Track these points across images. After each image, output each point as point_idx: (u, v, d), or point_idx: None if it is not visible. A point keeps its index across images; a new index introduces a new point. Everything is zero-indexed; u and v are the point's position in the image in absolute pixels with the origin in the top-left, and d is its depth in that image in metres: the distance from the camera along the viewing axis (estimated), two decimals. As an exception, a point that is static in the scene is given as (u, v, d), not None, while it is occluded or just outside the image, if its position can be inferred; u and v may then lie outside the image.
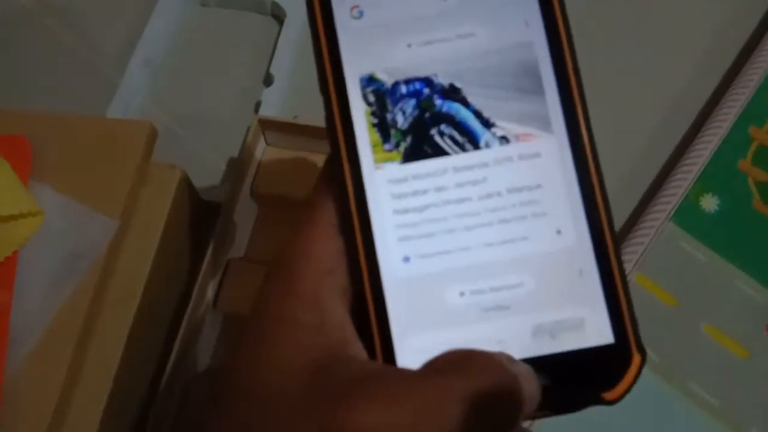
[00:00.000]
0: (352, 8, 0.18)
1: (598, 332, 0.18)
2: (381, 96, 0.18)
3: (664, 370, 0.32)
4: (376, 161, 0.18)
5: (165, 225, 0.30)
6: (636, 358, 0.18)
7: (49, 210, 0.28)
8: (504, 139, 0.18)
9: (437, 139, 0.18)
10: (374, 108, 0.18)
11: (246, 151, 0.34)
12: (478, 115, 0.18)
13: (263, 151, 0.36)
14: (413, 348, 0.17)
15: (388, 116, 0.18)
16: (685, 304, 0.33)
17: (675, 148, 0.39)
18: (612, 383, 0.17)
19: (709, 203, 0.36)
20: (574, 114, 0.18)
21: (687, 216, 0.35)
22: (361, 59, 0.18)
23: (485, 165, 0.18)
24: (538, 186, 0.18)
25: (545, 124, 0.18)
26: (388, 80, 0.18)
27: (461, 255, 0.18)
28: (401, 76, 0.18)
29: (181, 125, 0.40)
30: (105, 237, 0.28)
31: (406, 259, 0.18)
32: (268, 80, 0.40)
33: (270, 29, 0.43)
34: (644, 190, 0.38)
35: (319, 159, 0.35)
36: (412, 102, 0.18)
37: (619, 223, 0.37)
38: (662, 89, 0.41)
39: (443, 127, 0.18)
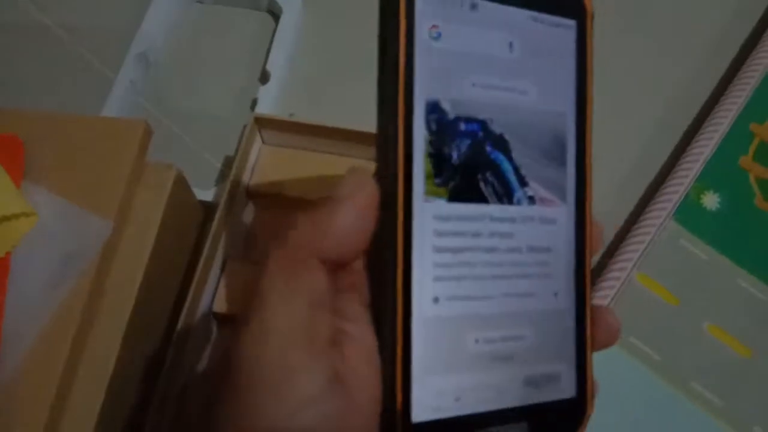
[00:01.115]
0: (432, 27, 0.17)
1: (569, 386, 0.19)
2: (442, 127, 0.17)
3: (666, 370, 0.31)
4: (427, 193, 0.17)
5: (160, 226, 0.30)
6: (589, 411, 0.20)
7: (42, 211, 0.28)
8: (531, 200, 0.19)
9: (482, 185, 0.18)
10: (434, 137, 0.17)
11: (242, 149, 0.33)
12: (516, 171, 0.19)
13: (259, 149, 0.35)
14: (429, 389, 0.17)
15: (445, 150, 0.18)
16: (686, 302, 0.33)
17: (676, 145, 0.39)
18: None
19: (711, 201, 0.35)
20: (584, 193, 0.20)
21: (688, 214, 0.35)
22: (430, 83, 0.17)
23: (513, 220, 0.19)
24: (548, 249, 0.19)
25: (562, 195, 0.19)
26: (451, 112, 0.18)
27: (482, 302, 0.18)
28: (463, 112, 0.18)
29: (176, 123, 0.39)
30: (100, 238, 0.28)
31: (436, 300, 0.17)
32: (264, 77, 0.40)
33: (266, 26, 0.42)
34: (645, 187, 0.38)
35: (316, 157, 0.35)
36: (467, 141, 0.18)
37: (619, 221, 0.36)
38: (663, 86, 0.40)
39: (488, 174, 0.18)
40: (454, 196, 0.18)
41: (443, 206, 0.17)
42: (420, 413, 0.17)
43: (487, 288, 0.18)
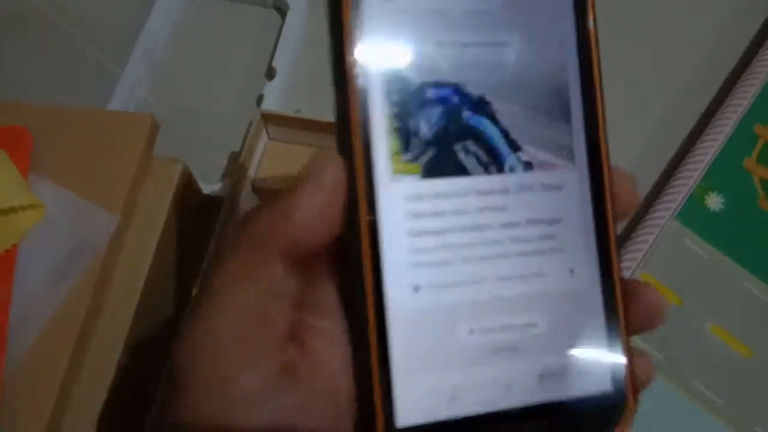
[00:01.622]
0: None
1: (600, 379, 0.17)
2: (405, 97, 0.16)
3: (669, 369, 0.32)
4: (394, 171, 0.15)
5: (166, 220, 0.30)
6: (632, 408, 0.17)
7: (49, 203, 0.28)
8: (528, 165, 0.16)
9: (461, 155, 0.16)
10: (398, 109, 0.15)
11: (248, 145, 0.33)
12: (505, 135, 0.16)
13: (265, 145, 0.35)
14: (415, 390, 0.15)
15: (411, 122, 0.16)
16: (689, 302, 0.33)
17: (680, 145, 0.39)
18: (608, 430, 0.17)
19: (714, 201, 0.35)
20: (598, 149, 0.17)
21: (692, 214, 0.35)
22: (386, 49, 0.15)
23: (507, 191, 0.16)
24: (557, 220, 0.17)
25: (569, 155, 0.17)
26: (414, 79, 0.16)
27: (475, 288, 0.16)
28: (429, 78, 0.16)
29: (183, 118, 0.39)
30: (106, 231, 0.28)
31: (417, 288, 0.16)
32: (270, 73, 0.40)
33: (272, 22, 0.42)
34: (649, 187, 0.38)
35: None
36: (439, 110, 0.16)
37: (623, 221, 0.37)
38: (668, 86, 0.40)
39: (469, 143, 0.16)
40: (429, 172, 0.16)
41: (416, 184, 0.16)
42: (406, 416, 0.15)
43: (480, 271, 0.16)
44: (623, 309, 0.17)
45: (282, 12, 0.42)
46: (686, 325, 0.33)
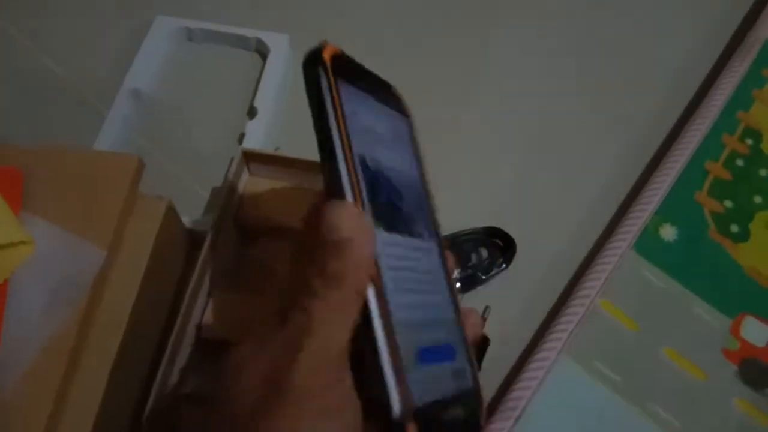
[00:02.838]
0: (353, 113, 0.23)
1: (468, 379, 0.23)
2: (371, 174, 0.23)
3: (627, 391, 0.33)
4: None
5: (151, 254, 0.31)
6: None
7: (39, 239, 0.30)
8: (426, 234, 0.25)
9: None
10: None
11: (230, 180, 0.35)
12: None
13: (246, 180, 0.37)
14: (415, 376, 0.20)
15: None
16: (645, 327, 0.35)
17: (636, 180, 0.41)
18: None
19: (668, 233, 0.38)
20: (437, 230, 0.26)
21: (647, 244, 0.37)
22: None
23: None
24: (430, 272, 0.24)
25: (429, 231, 0.25)
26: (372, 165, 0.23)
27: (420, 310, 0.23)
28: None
29: (168, 155, 0.41)
30: (94, 266, 0.29)
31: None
32: (251, 113, 0.42)
33: (254, 64, 0.45)
34: (608, 219, 0.40)
35: (298, 189, 0.37)
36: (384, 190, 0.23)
37: (584, 251, 0.39)
38: (626, 125, 0.43)
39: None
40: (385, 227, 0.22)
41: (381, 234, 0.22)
42: (420, 397, 0.20)
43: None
44: (464, 327, 0.24)
45: (263, 55, 0.44)
46: (642, 348, 0.35)
